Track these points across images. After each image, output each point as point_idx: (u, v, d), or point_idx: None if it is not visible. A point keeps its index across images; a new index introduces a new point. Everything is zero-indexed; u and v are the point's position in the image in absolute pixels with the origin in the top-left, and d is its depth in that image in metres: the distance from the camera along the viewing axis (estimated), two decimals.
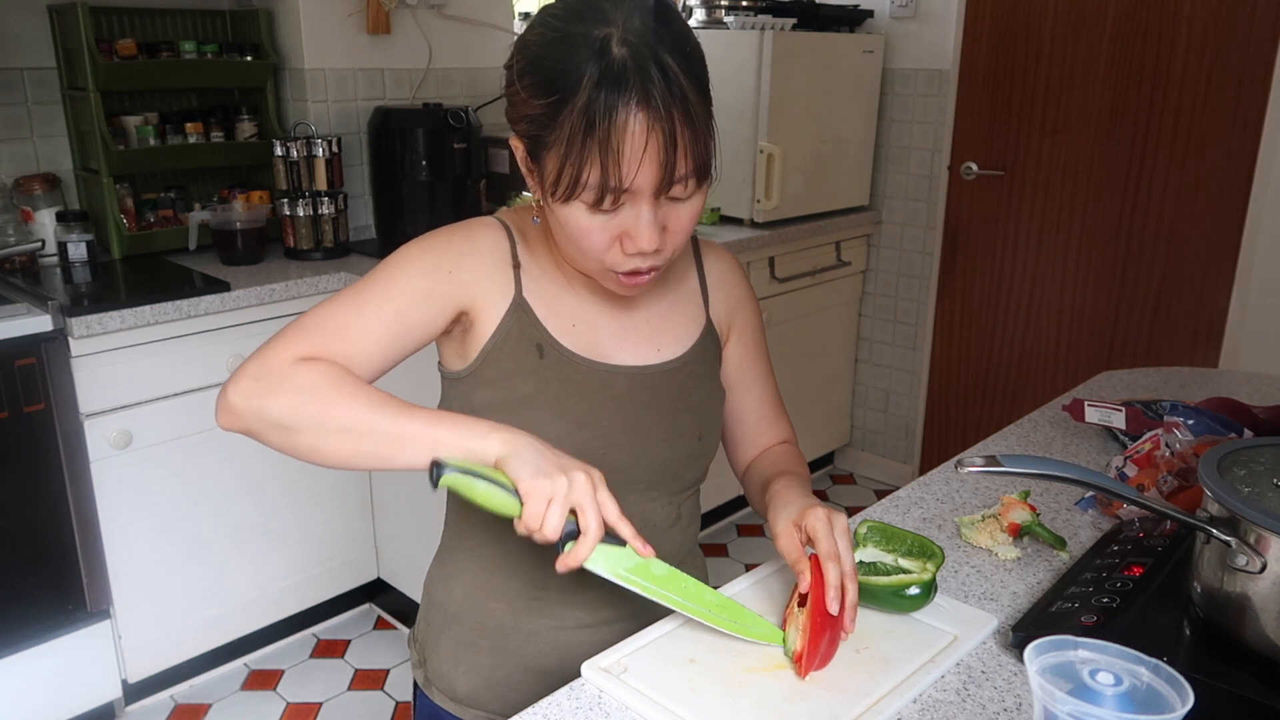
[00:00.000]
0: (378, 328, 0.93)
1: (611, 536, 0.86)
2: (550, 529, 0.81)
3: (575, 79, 0.83)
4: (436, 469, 0.82)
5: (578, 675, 0.89)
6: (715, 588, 1.03)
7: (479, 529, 1.04)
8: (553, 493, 0.81)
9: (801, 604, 0.90)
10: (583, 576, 0.91)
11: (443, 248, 0.97)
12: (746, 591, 1.02)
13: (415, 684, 1.13)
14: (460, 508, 1.07)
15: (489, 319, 0.97)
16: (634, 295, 0.98)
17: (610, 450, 0.99)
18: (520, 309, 0.97)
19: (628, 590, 0.90)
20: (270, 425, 0.87)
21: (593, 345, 1.00)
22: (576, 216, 0.88)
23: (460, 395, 1.00)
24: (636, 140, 0.83)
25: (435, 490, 0.84)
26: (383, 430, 0.85)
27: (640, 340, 1.03)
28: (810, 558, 0.91)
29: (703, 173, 0.88)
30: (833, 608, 0.87)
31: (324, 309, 0.93)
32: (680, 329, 1.06)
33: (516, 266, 0.99)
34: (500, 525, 0.99)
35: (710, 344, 1.08)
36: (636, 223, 0.87)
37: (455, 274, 0.96)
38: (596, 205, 0.86)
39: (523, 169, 0.95)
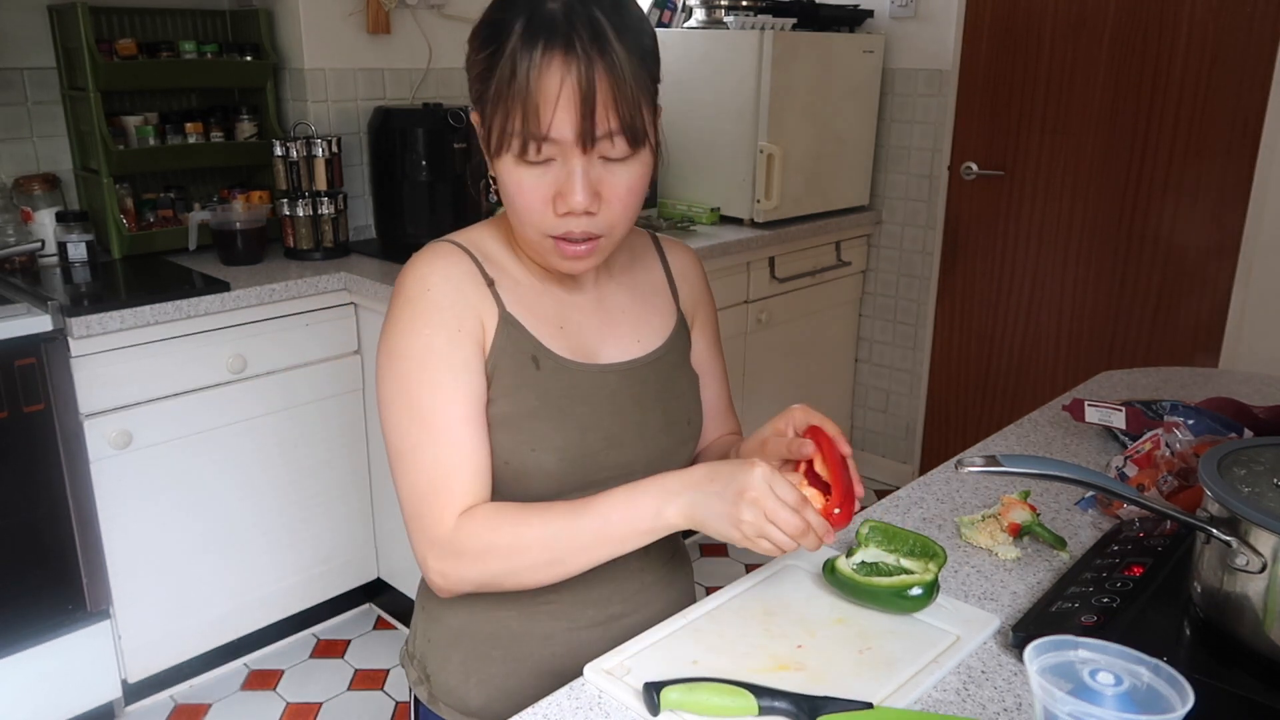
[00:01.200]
0: (464, 433, 0.93)
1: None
2: (787, 542, 0.84)
3: (509, 28, 0.86)
4: (651, 697, 0.82)
5: None
6: (715, 588, 1.04)
7: None
8: (758, 528, 0.84)
9: (808, 475, 0.95)
10: (593, 572, 0.93)
11: (432, 313, 0.94)
12: (748, 592, 1.02)
13: (416, 700, 1.11)
14: None
15: (486, 340, 0.97)
16: (576, 271, 0.97)
17: (614, 449, 0.99)
18: (508, 324, 0.97)
19: (631, 580, 0.93)
20: (478, 587, 0.94)
21: (580, 346, 1.01)
22: (509, 171, 0.90)
23: None
24: (550, 84, 0.84)
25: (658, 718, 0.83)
26: (565, 551, 0.90)
27: (622, 334, 1.04)
28: (806, 430, 0.96)
29: (632, 135, 0.88)
30: (844, 447, 0.94)
31: (418, 460, 0.92)
32: (655, 319, 1.08)
33: (490, 284, 0.98)
34: None
35: (683, 333, 1.11)
36: (567, 179, 0.88)
37: (461, 327, 0.94)
38: (522, 156, 0.88)
39: (481, 145, 0.95)
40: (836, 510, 0.90)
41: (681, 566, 1.15)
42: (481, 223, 1.05)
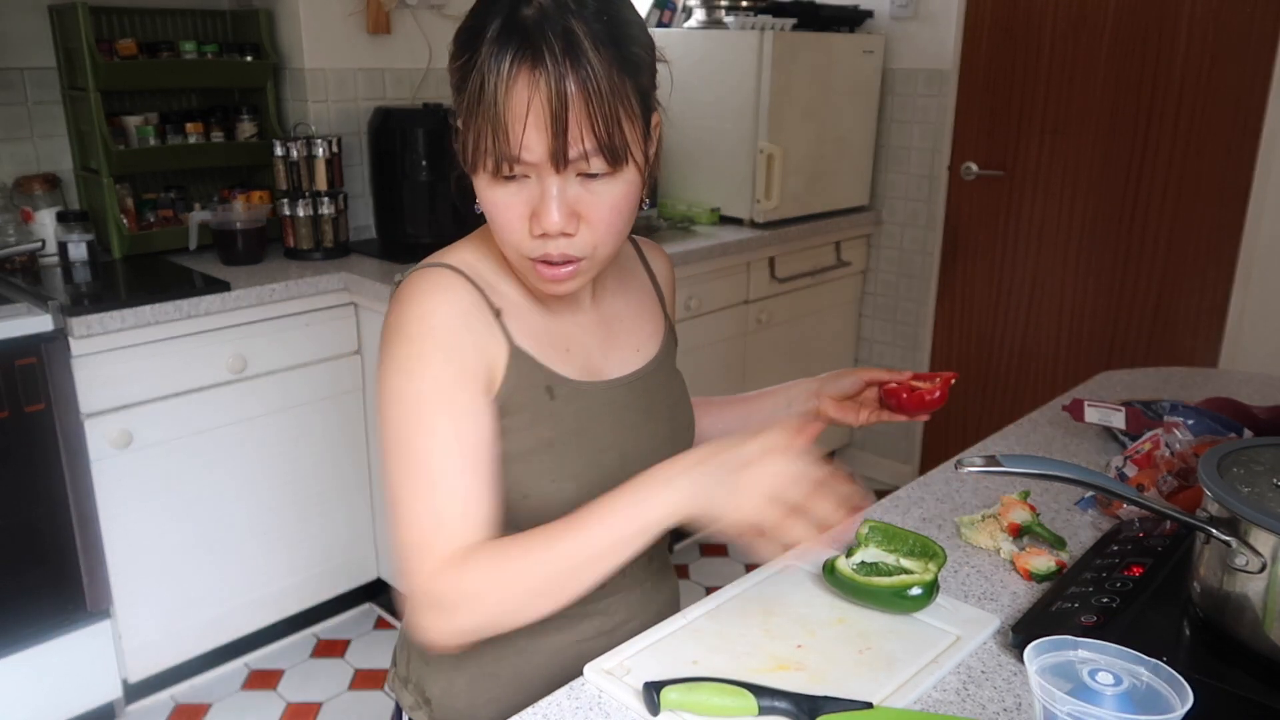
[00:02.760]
0: (464, 482, 0.86)
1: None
2: (801, 535, 0.81)
3: (481, 36, 0.81)
4: (651, 697, 0.81)
5: None
6: (715, 588, 1.04)
7: None
8: (768, 521, 0.80)
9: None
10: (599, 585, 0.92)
11: (434, 353, 0.87)
12: (748, 592, 1.02)
13: None
14: None
15: (496, 377, 0.92)
16: (558, 294, 0.91)
17: (628, 464, 0.95)
18: (518, 358, 0.92)
19: (632, 588, 0.93)
20: (475, 636, 0.87)
21: (587, 365, 0.98)
22: (485, 189, 0.85)
23: None
24: (519, 101, 0.79)
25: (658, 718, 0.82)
26: (564, 572, 0.84)
27: (622, 346, 1.02)
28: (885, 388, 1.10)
29: (611, 154, 0.81)
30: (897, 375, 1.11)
31: (410, 509, 0.86)
32: (648, 326, 1.06)
33: (498, 314, 0.92)
34: None
35: (671, 338, 1.09)
36: (542, 199, 0.83)
37: (464, 370, 0.88)
38: (497, 174, 0.83)
39: (459, 157, 0.89)
40: (936, 394, 1.07)
41: (668, 566, 1.13)
42: (467, 240, 0.98)
